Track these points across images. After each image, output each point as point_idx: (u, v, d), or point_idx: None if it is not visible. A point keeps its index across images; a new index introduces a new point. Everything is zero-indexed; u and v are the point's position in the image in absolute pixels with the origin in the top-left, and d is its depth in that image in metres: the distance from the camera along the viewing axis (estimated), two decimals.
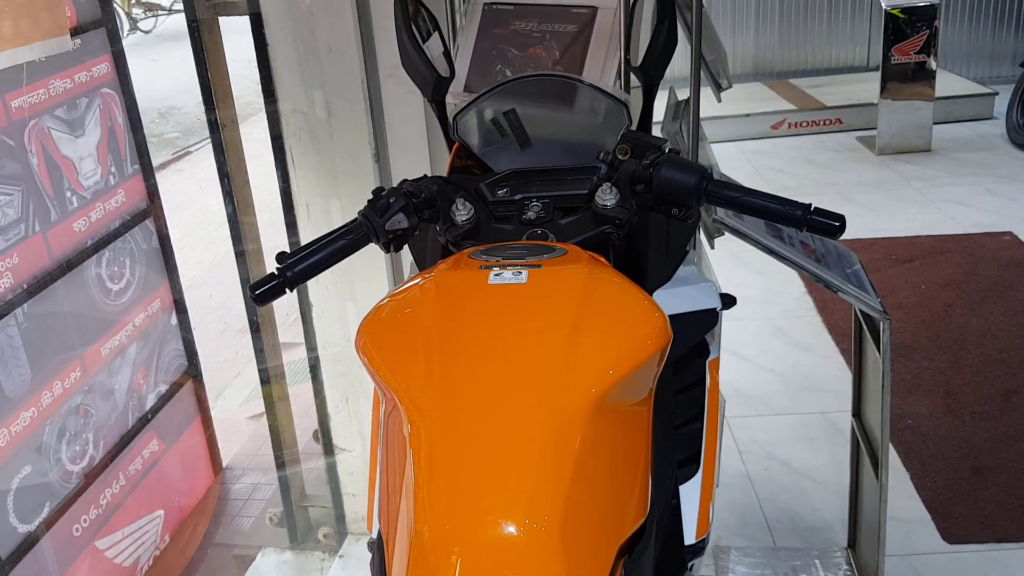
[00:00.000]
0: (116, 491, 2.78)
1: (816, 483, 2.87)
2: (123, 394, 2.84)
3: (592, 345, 1.05)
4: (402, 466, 1.01)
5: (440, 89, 1.58)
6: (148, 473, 2.96)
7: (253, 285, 1.30)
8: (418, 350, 1.07)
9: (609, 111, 1.57)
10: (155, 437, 3.00)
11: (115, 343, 2.79)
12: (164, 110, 10.05)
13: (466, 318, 1.11)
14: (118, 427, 2.81)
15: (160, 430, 3.02)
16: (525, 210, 1.44)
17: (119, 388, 2.82)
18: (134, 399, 2.89)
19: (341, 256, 1.35)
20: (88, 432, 2.65)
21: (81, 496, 2.58)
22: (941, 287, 4.04)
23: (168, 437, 3.07)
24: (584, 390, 1.00)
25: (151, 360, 2.99)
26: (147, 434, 2.95)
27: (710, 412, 1.40)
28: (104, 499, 2.71)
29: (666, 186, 1.32)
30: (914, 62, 5.70)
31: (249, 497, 3.24)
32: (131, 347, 2.87)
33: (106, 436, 2.73)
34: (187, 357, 3.19)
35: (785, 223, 1.31)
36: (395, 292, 1.24)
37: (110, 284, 2.77)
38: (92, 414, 2.68)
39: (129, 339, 2.86)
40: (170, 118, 9.83)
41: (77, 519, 2.57)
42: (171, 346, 3.11)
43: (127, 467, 2.84)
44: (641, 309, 1.12)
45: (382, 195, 1.36)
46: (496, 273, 1.17)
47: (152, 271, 2.98)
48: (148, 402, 2.97)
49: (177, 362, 3.15)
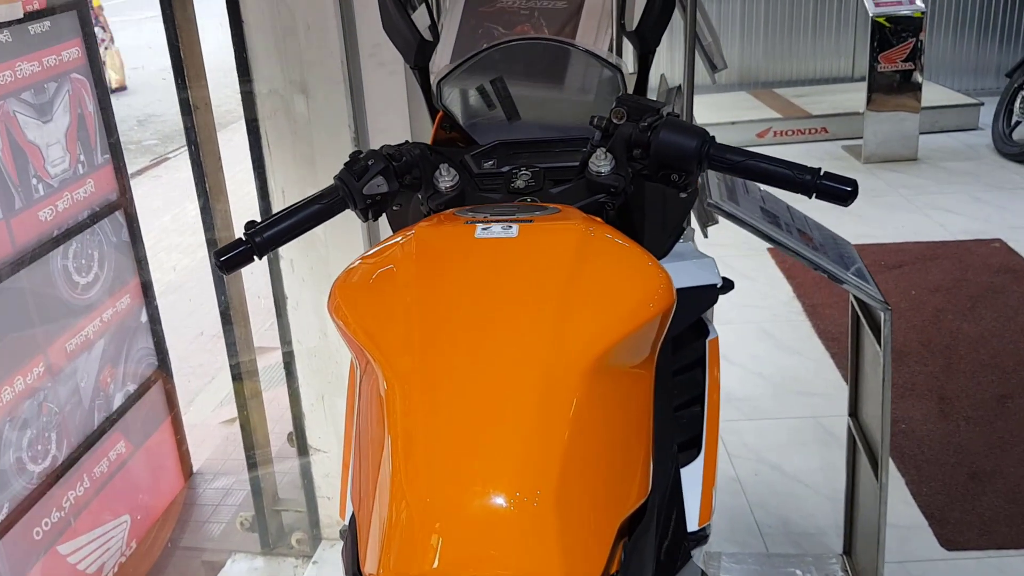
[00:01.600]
0: (80, 493, 2.66)
1: (808, 488, 2.79)
2: (89, 392, 2.73)
3: (590, 302, 0.95)
4: (378, 436, 0.90)
5: (423, 54, 1.49)
6: (114, 476, 2.84)
7: (219, 251, 1.20)
8: (396, 309, 0.97)
9: (603, 81, 1.48)
10: (122, 438, 2.89)
11: (81, 338, 2.67)
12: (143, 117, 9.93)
13: (450, 274, 1.01)
14: (83, 426, 2.69)
15: (128, 431, 2.90)
16: (514, 179, 1.34)
17: (85, 386, 2.71)
18: (100, 398, 2.78)
19: (314, 222, 1.25)
20: (51, 431, 2.53)
21: (42, 498, 2.46)
22: (931, 292, 3.97)
23: (136, 439, 2.95)
24: (581, 349, 0.90)
25: (119, 358, 2.87)
26: (114, 435, 2.83)
27: (711, 394, 1.31)
28: (67, 502, 2.59)
29: (665, 150, 1.23)
30: (900, 71, 5.67)
31: (220, 503, 3.12)
32: (98, 343, 2.76)
33: (70, 435, 2.62)
34: (157, 356, 3.07)
35: (793, 188, 1.22)
36: (371, 251, 1.14)
37: (77, 277, 2.66)
38: (55, 412, 2.56)
39: (96, 335, 2.74)
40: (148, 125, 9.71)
41: (38, 522, 2.45)
42: (140, 344, 2.99)
43: (92, 469, 2.72)
44: (643, 267, 1.02)
45: (360, 157, 1.27)
46: (484, 227, 1.08)
47: (122, 265, 2.87)
48: (115, 401, 2.85)
49: (147, 361, 3.03)
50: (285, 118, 2.16)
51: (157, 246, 5.88)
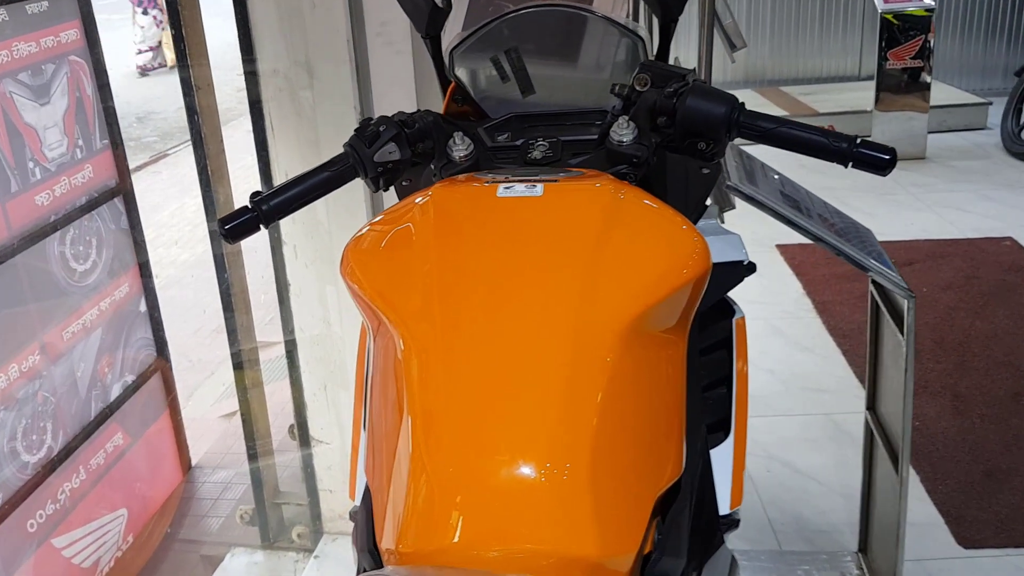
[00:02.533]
0: (76, 485, 2.60)
1: (821, 485, 2.72)
2: (86, 382, 2.67)
3: (621, 264, 0.88)
4: (395, 405, 0.83)
5: (436, 22, 1.43)
6: (111, 468, 2.78)
7: (224, 218, 1.13)
8: (414, 272, 0.91)
9: (624, 50, 1.42)
10: (120, 430, 2.83)
11: (78, 327, 2.61)
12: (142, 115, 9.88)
13: (471, 235, 0.95)
14: (79, 417, 2.63)
15: (125, 422, 2.84)
16: (530, 150, 1.28)
17: (82, 375, 2.65)
18: (98, 387, 2.72)
19: (323, 190, 1.19)
20: (46, 420, 2.47)
21: (37, 489, 2.40)
22: (943, 290, 3.91)
23: (134, 430, 2.89)
24: (613, 313, 0.84)
25: (117, 348, 2.81)
26: (111, 426, 2.77)
27: (739, 375, 1.24)
28: (63, 494, 2.52)
29: (692, 117, 1.17)
30: (909, 68, 5.62)
31: (219, 496, 3.05)
32: (96, 332, 2.70)
33: (66, 426, 2.56)
34: (156, 347, 3.01)
35: (828, 157, 1.16)
36: (384, 213, 1.07)
37: (74, 264, 2.60)
38: (51, 401, 2.50)
39: (94, 324, 2.68)
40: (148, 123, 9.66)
41: (32, 514, 2.39)
42: (139, 334, 2.93)
43: (88, 460, 2.66)
44: (676, 228, 0.96)
45: (370, 123, 1.21)
46: (507, 186, 1.01)
47: (121, 253, 2.81)
48: (113, 392, 2.79)
49: (145, 351, 2.97)
50: (289, 99, 2.10)
51: (156, 241, 5.83)
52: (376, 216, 1.08)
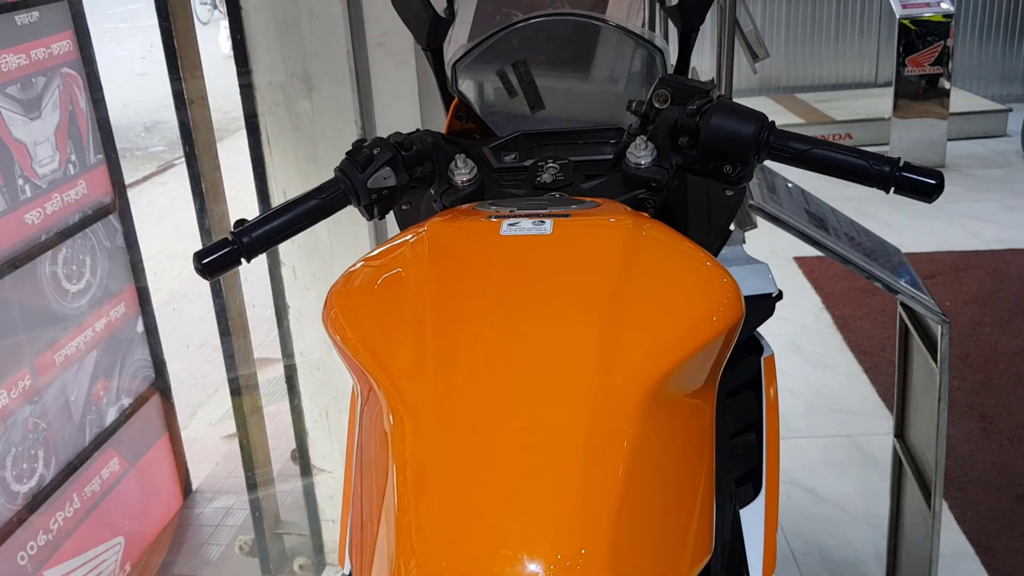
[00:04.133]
0: (70, 515, 2.51)
1: (846, 513, 2.60)
2: (80, 407, 2.57)
3: (644, 316, 0.77)
4: (382, 481, 0.73)
5: (437, 33, 1.33)
6: (107, 495, 2.68)
7: (200, 252, 1.03)
8: (405, 323, 0.80)
9: (642, 64, 1.31)
10: (116, 455, 2.73)
11: (71, 350, 2.52)
12: (150, 124, 9.82)
13: (471, 281, 0.84)
14: (73, 444, 2.54)
15: (122, 448, 2.75)
16: (539, 172, 1.18)
17: (75, 400, 2.55)
18: (92, 413, 2.62)
19: (311, 220, 1.08)
20: (38, 448, 2.37)
21: (28, 519, 2.30)
22: (966, 304, 3.79)
23: (131, 456, 2.79)
24: (634, 374, 0.73)
25: (113, 370, 2.72)
26: (107, 452, 2.68)
27: (769, 420, 1.13)
28: (55, 524, 2.43)
29: (717, 137, 1.06)
30: (928, 75, 5.50)
31: (219, 523, 2.95)
32: (90, 355, 2.60)
33: (59, 453, 2.46)
34: (154, 368, 2.92)
35: (868, 181, 1.06)
36: (375, 251, 0.97)
37: (67, 284, 2.51)
38: (43, 428, 2.40)
39: (88, 346, 2.59)
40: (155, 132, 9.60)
41: (23, 546, 2.29)
42: (136, 355, 2.83)
43: (83, 489, 2.57)
44: (705, 272, 0.85)
45: (364, 145, 1.10)
46: (511, 223, 0.90)
47: (116, 272, 2.72)
48: (108, 417, 2.70)
49: (143, 373, 2.87)
50: (287, 113, 2.01)
51: (161, 254, 5.75)
52: (363, 257, 0.97)
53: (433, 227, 0.93)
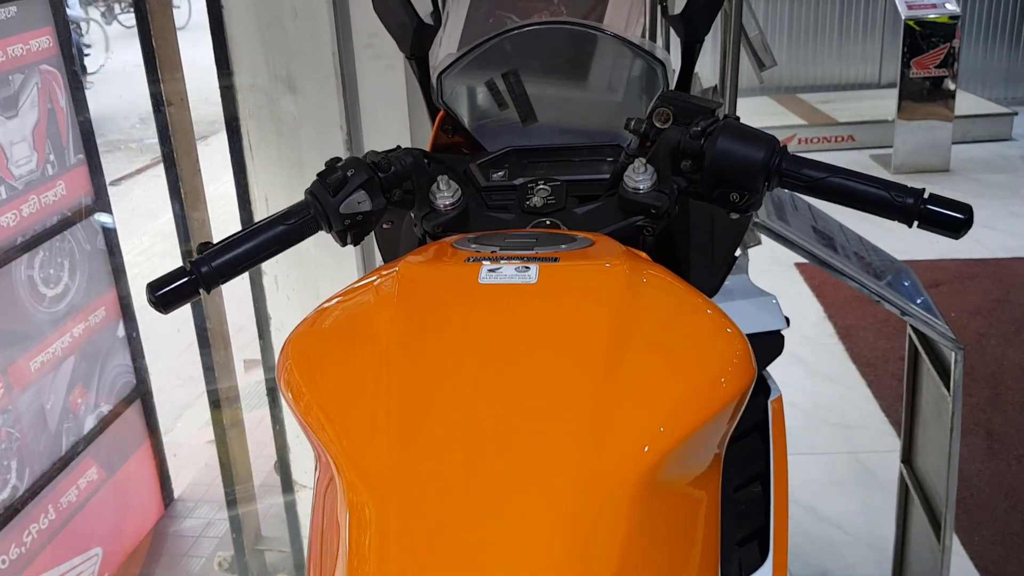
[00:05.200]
0: (44, 527, 2.42)
1: (847, 535, 2.52)
2: (56, 415, 2.49)
3: (642, 384, 0.68)
4: (336, 569, 0.64)
5: (422, 41, 1.23)
6: (84, 506, 2.60)
7: (154, 283, 0.94)
8: (367, 384, 0.71)
9: (641, 76, 1.22)
10: (94, 464, 2.65)
11: (47, 357, 2.44)
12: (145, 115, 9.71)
13: (443, 336, 0.74)
14: (48, 453, 2.45)
15: (100, 457, 2.67)
16: (529, 195, 1.09)
17: (51, 408, 2.47)
18: (69, 421, 2.54)
19: (278, 247, 0.99)
20: (11, 459, 2.29)
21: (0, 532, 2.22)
22: (972, 315, 3.71)
23: (109, 465, 2.71)
24: (629, 456, 0.64)
25: (92, 377, 2.64)
26: (84, 461, 2.60)
27: (777, 471, 1.04)
28: (29, 536, 2.35)
29: (724, 162, 0.97)
30: (933, 77, 5.41)
31: (201, 534, 2.87)
32: (67, 361, 2.52)
33: (33, 464, 2.38)
34: (135, 374, 2.83)
35: (889, 214, 0.97)
36: (339, 296, 0.88)
37: (44, 289, 2.43)
38: (16, 438, 2.32)
39: (65, 352, 2.50)
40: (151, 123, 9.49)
41: None
42: (116, 361, 2.75)
43: (58, 499, 2.48)
44: (710, 328, 0.76)
45: (337, 165, 1.01)
46: (491, 268, 0.81)
47: (96, 275, 2.63)
48: (86, 425, 2.62)
49: (123, 379, 2.79)
50: (269, 117, 1.92)
51: (152, 249, 5.66)
52: (326, 301, 0.88)
53: (404, 270, 0.84)
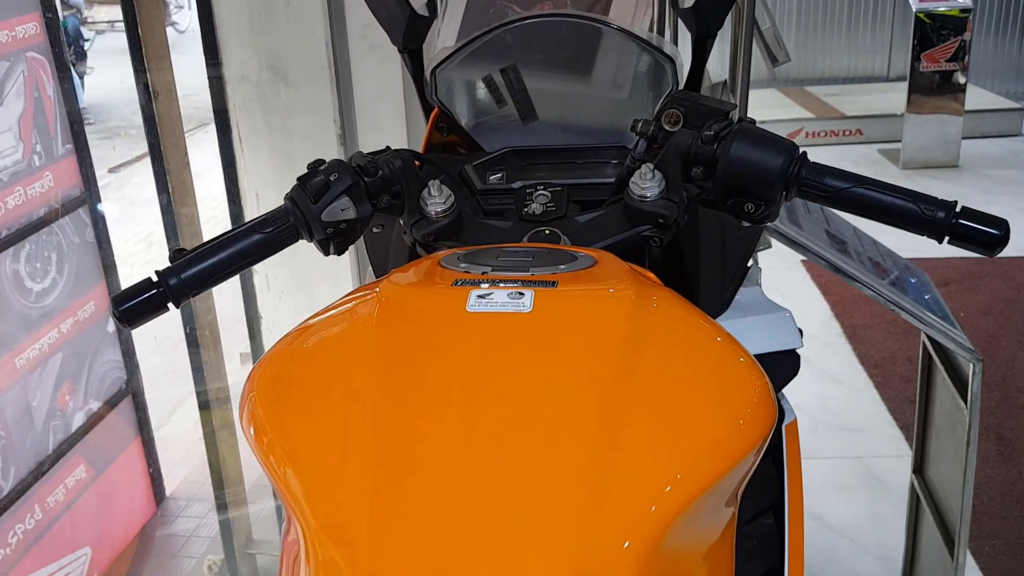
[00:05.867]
0: (31, 527, 2.36)
1: (854, 544, 2.45)
2: (43, 413, 2.42)
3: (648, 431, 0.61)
4: None
5: (415, 33, 1.16)
6: (73, 504, 2.53)
7: (119, 296, 0.87)
8: (338, 427, 0.64)
9: (648, 73, 1.15)
10: (82, 462, 2.58)
11: (34, 353, 2.37)
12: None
13: (425, 373, 0.67)
14: (35, 452, 2.39)
15: (89, 455, 2.60)
16: (528, 201, 1.01)
17: (38, 406, 2.40)
18: (57, 419, 2.47)
19: (255, 258, 0.92)
20: None
21: None
22: (982, 315, 3.63)
23: (99, 463, 2.65)
24: (635, 518, 0.56)
25: (80, 373, 2.57)
26: (72, 459, 2.53)
27: (792, 501, 0.97)
28: (14, 537, 2.29)
29: (738, 170, 0.90)
30: (943, 71, 5.32)
31: (193, 533, 2.81)
32: (55, 358, 2.45)
33: (19, 463, 2.32)
34: (126, 370, 2.76)
35: (918, 228, 0.90)
36: (312, 320, 0.80)
37: (30, 283, 2.36)
38: (1, 436, 2.25)
39: (52, 348, 2.43)
40: None
41: None
42: (106, 357, 2.68)
43: (45, 499, 2.42)
44: (729, 364, 0.69)
45: (319, 169, 0.94)
46: (481, 294, 0.73)
47: (85, 269, 2.56)
48: (75, 422, 2.55)
49: (113, 375, 2.72)
50: (260, 109, 1.84)
51: (151, 237, 5.59)
52: (298, 327, 0.80)
53: (385, 293, 0.76)
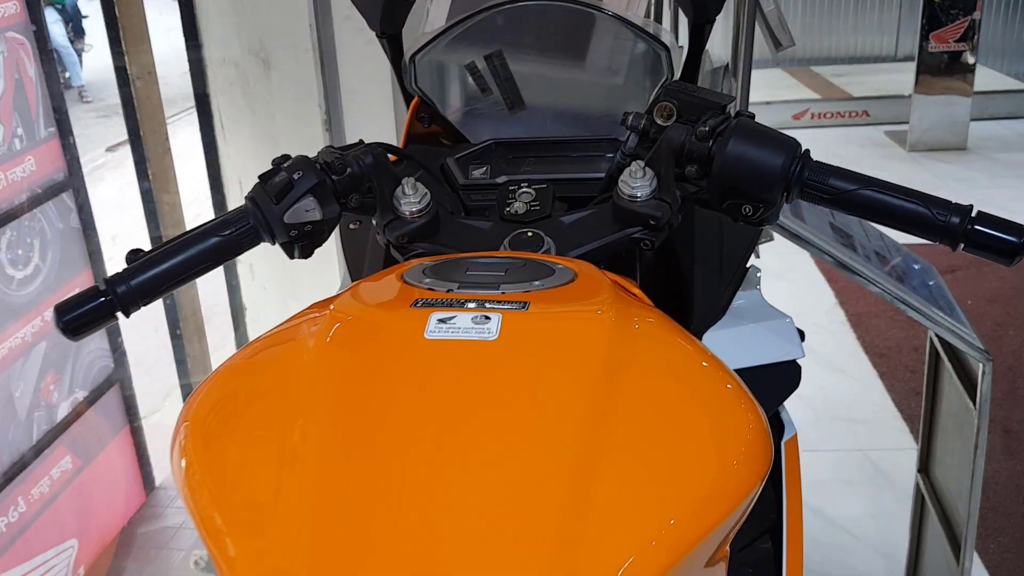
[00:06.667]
0: (14, 520, 2.32)
1: (856, 539, 2.39)
2: (26, 403, 2.37)
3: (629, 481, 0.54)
4: None
5: (393, 17, 1.09)
6: (58, 496, 2.48)
7: (62, 306, 0.80)
8: (274, 478, 0.57)
9: (641, 60, 1.08)
10: (68, 453, 2.53)
11: (16, 342, 2.31)
12: None
13: (375, 413, 0.59)
14: (18, 443, 2.34)
15: (74, 445, 2.55)
16: (510, 200, 0.95)
17: (20, 396, 2.35)
18: (41, 409, 2.42)
19: (212, 263, 0.85)
20: None
21: None
22: (989, 303, 3.56)
23: (85, 453, 2.60)
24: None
25: (65, 362, 2.51)
26: (57, 450, 2.48)
27: (791, 522, 0.90)
28: None
29: (736, 169, 0.83)
30: (952, 51, 5.22)
31: (183, 524, 2.76)
32: (39, 346, 2.39)
33: (1, 455, 2.26)
34: (113, 358, 2.70)
35: (930, 234, 0.84)
36: (256, 345, 0.73)
37: (12, 271, 2.30)
38: None
39: (35, 337, 2.38)
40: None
41: None
42: (93, 345, 2.62)
43: (29, 491, 2.37)
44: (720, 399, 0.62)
45: (282, 166, 0.87)
46: (442, 317, 0.65)
47: (69, 255, 2.50)
48: (60, 412, 2.50)
49: (100, 363, 2.66)
50: (242, 93, 1.77)
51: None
52: (239, 353, 0.73)
53: (337, 315, 0.69)
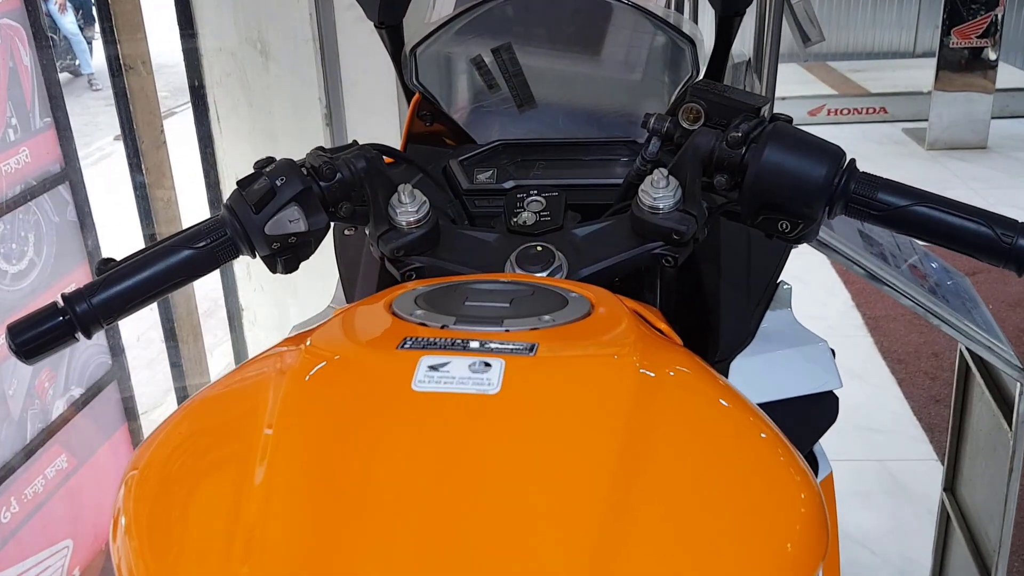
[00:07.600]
0: (6, 520, 2.26)
1: (876, 556, 2.31)
2: (20, 401, 2.31)
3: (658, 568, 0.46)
4: None
5: (393, 6, 1.01)
6: (52, 496, 2.43)
7: (15, 326, 0.73)
8: (223, 555, 0.48)
9: (664, 55, 0.99)
10: (63, 452, 2.48)
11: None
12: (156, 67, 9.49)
13: (349, 484, 0.50)
14: (11, 442, 2.29)
15: (70, 443, 2.49)
16: (518, 209, 0.86)
17: (14, 394, 2.29)
18: (35, 407, 2.36)
19: (184, 278, 0.78)
20: None
21: None
22: (1011, 308, 3.47)
23: (81, 452, 2.54)
24: None
25: (60, 359, 2.45)
26: (52, 448, 2.43)
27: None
28: None
29: (773, 179, 0.75)
30: (973, 47, 5.11)
31: None
32: None
33: None
34: (111, 354, 2.64)
35: (991, 257, 0.75)
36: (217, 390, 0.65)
37: (5, 265, 2.24)
38: None
39: None
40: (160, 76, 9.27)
41: None
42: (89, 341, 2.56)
43: (22, 491, 2.32)
44: (768, 470, 0.53)
45: (263, 171, 0.79)
46: (434, 364, 0.56)
47: (66, 250, 2.44)
48: (55, 410, 2.44)
49: (97, 360, 2.60)
50: (239, 85, 1.69)
51: None
52: (193, 399, 0.65)
53: (311, 355, 0.60)
